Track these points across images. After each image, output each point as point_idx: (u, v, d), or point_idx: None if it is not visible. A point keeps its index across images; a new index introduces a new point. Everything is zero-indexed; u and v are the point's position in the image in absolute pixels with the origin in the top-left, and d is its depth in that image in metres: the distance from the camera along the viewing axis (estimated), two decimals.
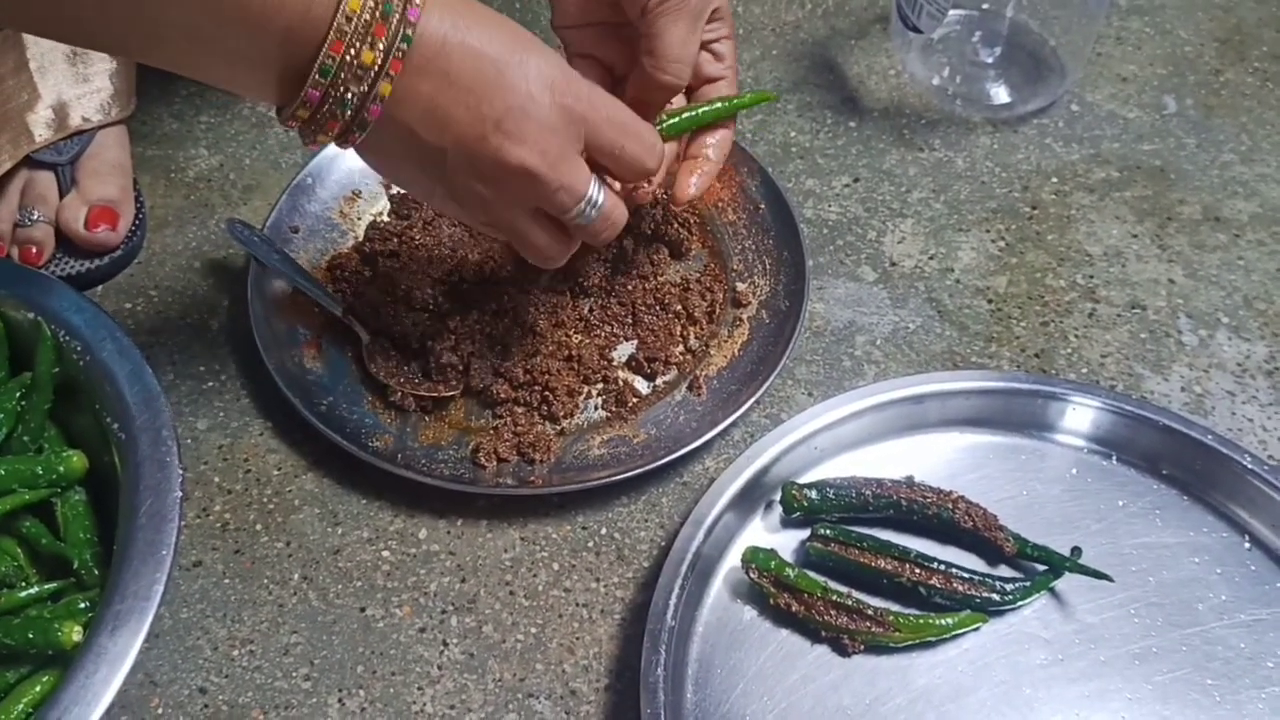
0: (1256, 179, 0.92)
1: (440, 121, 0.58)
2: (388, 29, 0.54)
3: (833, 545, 0.68)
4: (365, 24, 0.54)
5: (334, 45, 0.54)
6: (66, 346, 0.66)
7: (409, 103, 0.57)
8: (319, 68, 0.54)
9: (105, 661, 0.54)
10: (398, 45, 0.55)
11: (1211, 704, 0.65)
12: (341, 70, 0.55)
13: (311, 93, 0.55)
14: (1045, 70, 0.97)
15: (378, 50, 0.55)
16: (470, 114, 0.58)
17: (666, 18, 0.68)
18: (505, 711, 0.65)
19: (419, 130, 0.59)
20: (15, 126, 0.81)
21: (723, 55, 0.74)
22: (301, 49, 0.54)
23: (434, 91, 0.57)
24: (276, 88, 0.57)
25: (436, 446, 0.75)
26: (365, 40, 0.54)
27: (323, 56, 0.54)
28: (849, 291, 0.84)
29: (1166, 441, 0.73)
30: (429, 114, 0.58)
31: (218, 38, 0.54)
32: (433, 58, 0.56)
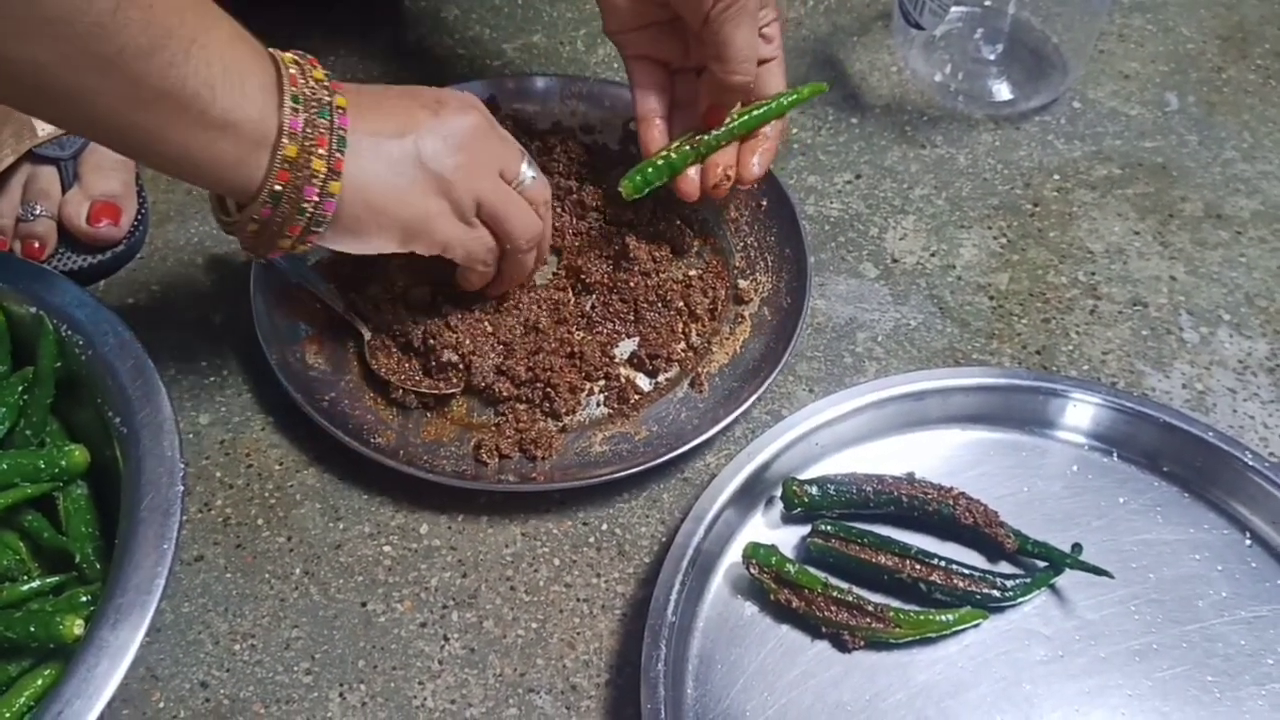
0: (1258, 176, 0.92)
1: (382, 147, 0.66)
2: (329, 140, 0.63)
3: (833, 541, 0.69)
4: (309, 136, 0.62)
5: (280, 175, 0.62)
6: (68, 341, 0.66)
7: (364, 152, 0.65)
8: (269, 193, 0.62)
9: (107, 655, 0.54)
10: (334, 152, 0.63)
11: (1212, 700, 0.65)
12: (288, 190, 0.62)
13: (263, 210, 0.63)
14: (1047, 67, 0.97)
15: (321, 158, 0.62)
16: (411, 106, 0.67)
17: (731, 23, 0.70)
18: (506, 706, 0.65)
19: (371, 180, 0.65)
20: (18, 121, 0.81)
21: (772, 38, 0.76)
22: (251, 176, 0.62)
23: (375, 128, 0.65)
24: (237, 188, 0.63)
25: (438, 443, 0.75)
26: (313, 152, 0.62)
27: (270, 183, 0.62)
28: (850, 288, 0.84)
29: (1167, 438, 0.73)
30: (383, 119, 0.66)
31: (177, 151, 0.60)
32: (357, 125, 0.64)
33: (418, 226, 0.68)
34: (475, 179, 0.69)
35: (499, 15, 1.04)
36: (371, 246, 0.68)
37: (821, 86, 0.81)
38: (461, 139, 0.68)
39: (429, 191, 0.67)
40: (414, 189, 0.67)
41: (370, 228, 0.66)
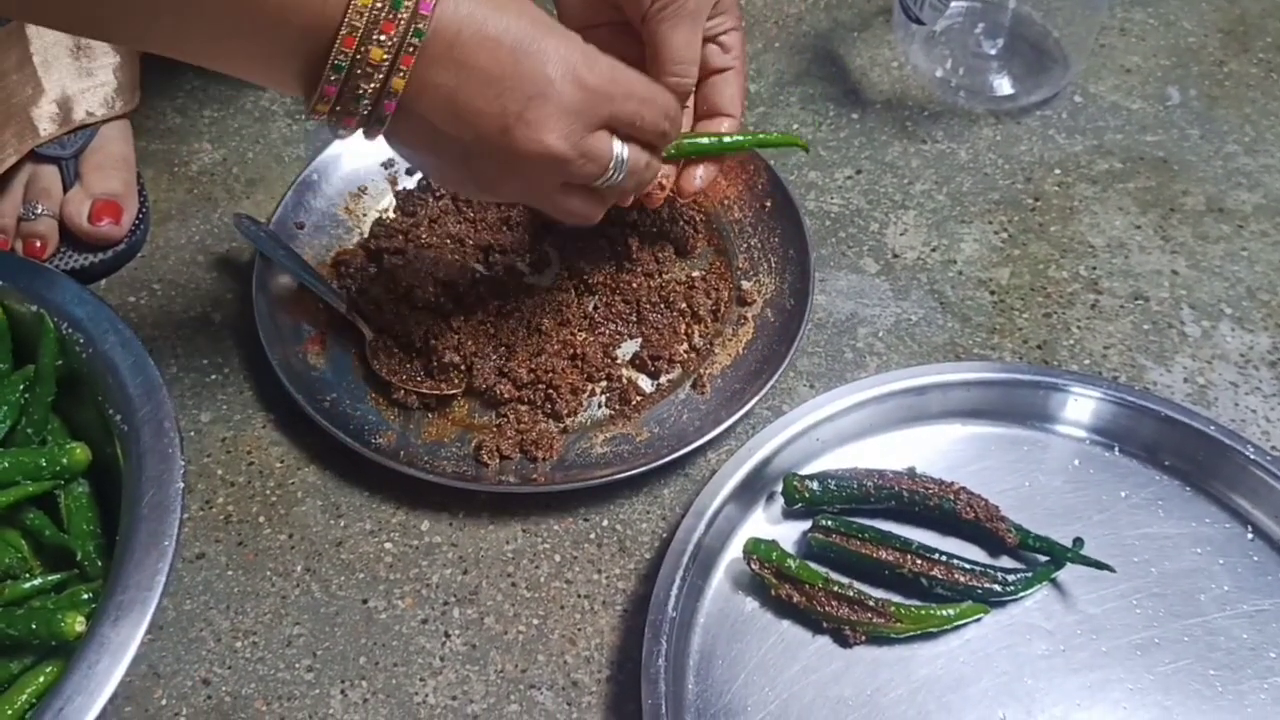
0: (1260, 170, 0.92)
1: (461, 114, 0.58)
2: (396, 25, 0.55)
3: (834, 536, 0.68)
4: (374, 19, 0.54)
5: (346, 41, 0.54)
6: (69, 339, 0.67)
7: (427, 96, 0.58)
8: (332, 64, 0.55)
9: (108, 651, 0.55)
10: (409, 40, 0.55)
11: (1214, 694, 0.65)
12: (354, 67, 0.55)
13: (327, 89, 0.56)
14: (1048, 62, 0.97)
15: (386, 46, 0.55)
16: (491, 106, 0.58)
17: (666, 24, 0.68)
18: (507, 702, 0.65)
19: (440, 124, 0.59)
20: (20, 121, 0.81)
21: (730, 47, 0.73)
22: (317, 45, 0.55)
23: (453, 85, 0.57)
24: (297, 83, 0.58)
25: (439, 444, 0.75)
26: (373, 37, 0.54)
27: (335, 53, 0.55)
28: (851, 283, 0.84)
29: (1169, 432, 0.73)
30: (449, 107, 0.58)
31: (237, 37, 0.55)
32: (448, 50, 0.56)
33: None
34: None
35: None
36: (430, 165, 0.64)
37: (798, 140, 0.79)
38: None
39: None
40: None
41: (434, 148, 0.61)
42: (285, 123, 0.94)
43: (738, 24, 0.73)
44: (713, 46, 0.73)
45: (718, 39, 0.73)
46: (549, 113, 0.59)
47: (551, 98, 0.59)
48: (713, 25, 0.72)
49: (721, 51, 0.73)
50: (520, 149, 0.60)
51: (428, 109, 0.58)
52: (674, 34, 0.68)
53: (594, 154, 0.63)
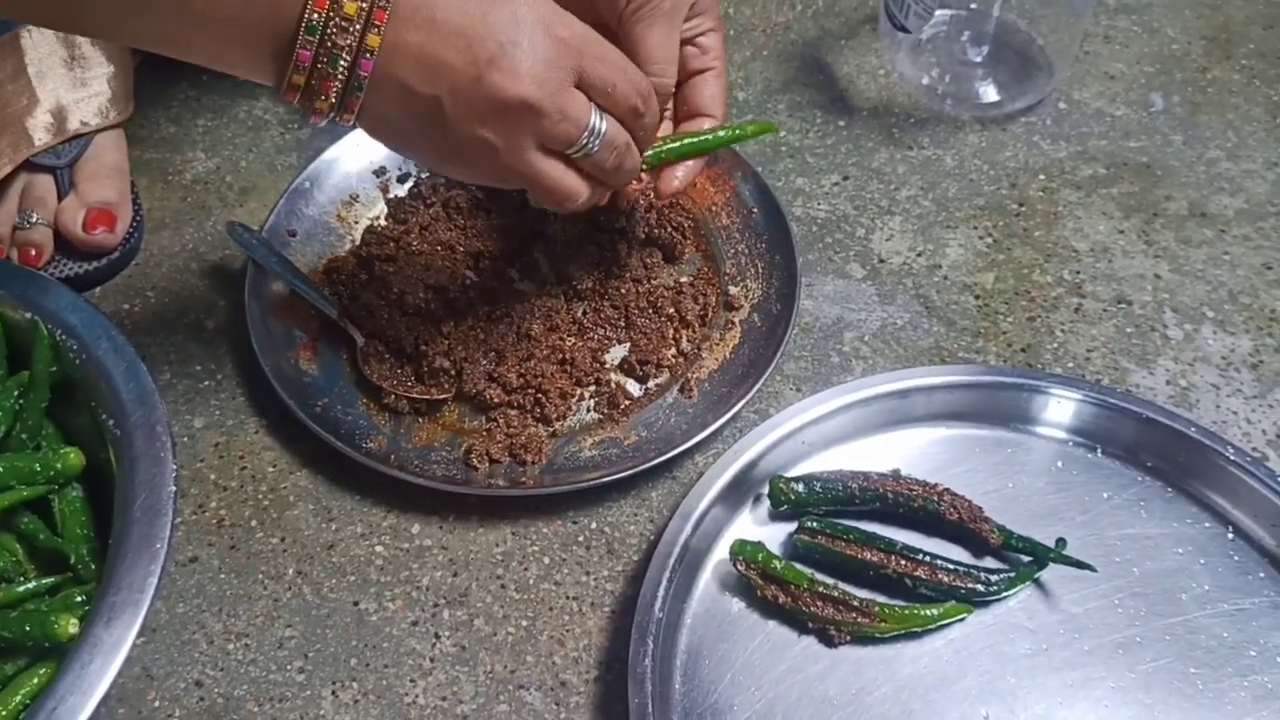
0: (1242, 175, 0.93)
1: (433, 69, 0.58)
2: None
3: (820, 538, 0.69)
4: None
5: (318, 1, 0.55)
6: (63, 345, 0.67)
7: (400, 54, 0.58)
8: (305, 25, 0.56)
9: (100, 652, 0.55)
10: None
11: (1194, 692, 0.65)
12: (328, 25, 0.56)
13: (302, 53, 0.56)
14: (1033, 69, 0.98)
15: (360, 1, 0.56)
16: (462, 57, 0.58)
17: (642, 24, 0.68)
18: (496, 703, 0.66)
19: (413, 83, 0.59)
20: (15, 131, 0.82)
21: (708, 48, 0.74)
22: (289, 12, 0.56)
23: (423, 39, 0.57)
24: (269, 61, 0.58)
25: (429, 448, 0.75)
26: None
27: (308, 13, 0.55)
28: (838, 288, 0.85)
29: (1150, 434, 0.73)
30: (421, 63, 0.58)
31: (208, 12, 0.55)
32: (417, 8, 0.57)
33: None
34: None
35: None
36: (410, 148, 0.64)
37: (770, 126, 0.80)
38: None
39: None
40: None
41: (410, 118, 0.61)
42: (278, 132, 0.95)
43: (716, 25, 0.74)
44: (691, 48, 0.73)
45: (695, 40, 0.73)
46: (520, 58, 0.59)
47: (521, 44, 0.59)
48: (690, 26, 0.72)
49: (700, 53, 0.74)
50: (493, 96, 0.59)
51: (401, 68, 0.58)
52: (650, 33, 0.69)
53: (568, 111, 0.62)
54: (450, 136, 0.61)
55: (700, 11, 0.72)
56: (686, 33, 0.72)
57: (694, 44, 0.73)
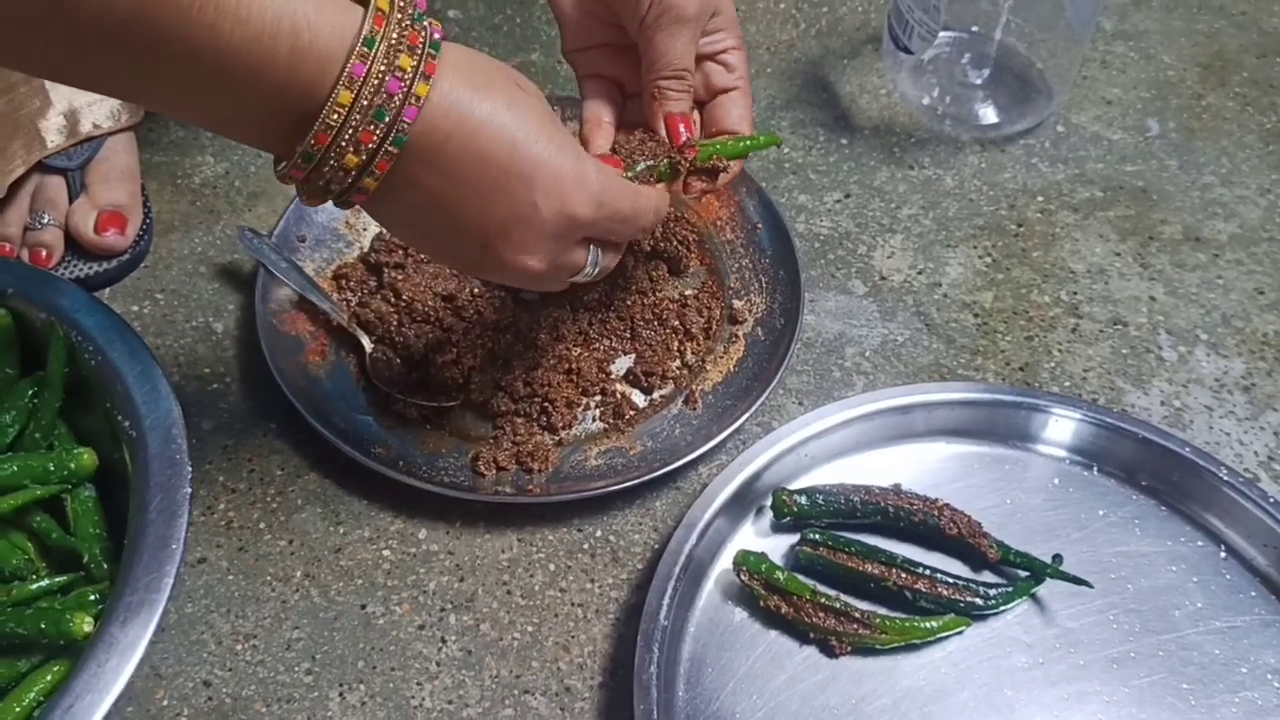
0: (1236, 201, 0.95)
1: (438, 212, 0.57)
2: (374, 135, 0.52)
3: (822, 550, 0.70)
4: (354, 126, 0.51)
5: (319, 138, 0.51)
6: (78, 347, 0.68)
7: (404, 189, 0.55)
8: (302, 154, 0.52)
9: (116, 651, 0.56)
10: (386, 147, 0.52)
11: (1187, 708, 0.67)
12: (324, 164, 0.53)
13: (294, 171, 0.53)
14: (1032, 92, 1.00)
15: (361, 154, 0.52)
16: (473, 216, 0.57)
17: (663, 32, 0.69)
18: (502, 707, 0.67)
19: (415, 214, 0.58)
20: (28, 133, 0.82)
21: (733, 66, 0.74)
22: (293, 121, 0.52)
23: (434, 183, 0.55)
24: (272, 145, 0.54)
25: (437, 454, 0.76)
26: (349, 142, 0.52)
27: (305, 146, 0.52)
28: (840, 304, 0.86)
29: (1146, 453, 0.75)
30: (426, 202, 0.56)
31: (208, 100, 0.51)
32: (433, 154, 0.54)
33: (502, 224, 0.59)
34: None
35: (498, 33, 1.06)
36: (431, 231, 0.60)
37: (776, 139, 0.79)
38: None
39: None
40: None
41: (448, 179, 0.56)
42: None
43: (739, 44, 0.74)
44: (715, 65, 0.73)
45: (719, 57, 0.73)
46: (530, 237, 0.59)
47: (534, 223, 0.58)
48: (713, 41, 0.72)
49: (725, 70, 0.73)
50: (497, 260, 0.60)
51: (404, 199, 0.56)
52: (669, 41, 0.69)
53: (569, 265, 0.63)
54: (445, 255, 0.63)
55: (721, 27, 0.72)
56: (709, 48, 0.72)
57: (718, 61, 0.73)
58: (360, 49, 0.50)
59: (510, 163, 0.56)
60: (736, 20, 0.73)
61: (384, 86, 0.51)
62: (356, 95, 0.51)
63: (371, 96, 0.51)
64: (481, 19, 1.07)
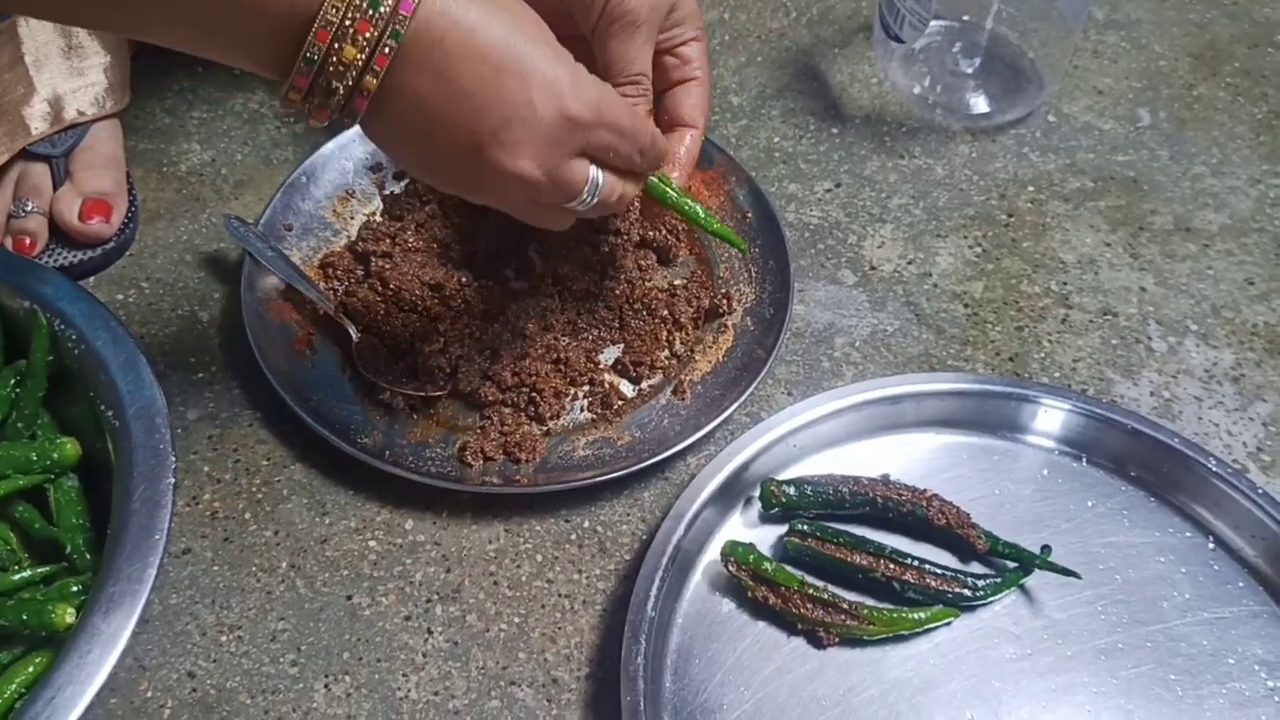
0: (1226, 191, 0.94)
1: (435, 122, 0.57)
2: (372, 25, 0.53)
3: (810, 540, 0.70)
4: (350, 17, 0.53)
5: (320, 35, 0.53)
6: (62, 335, 0.67)
7: (402, 98, 0.56)
8: (304, 58, 0.54)
9: (99, 642, 0.56)
10: (385, 41, 0.54)
11: (1174, 698, 0.67)
12: (326, 63, 0.54)
13: (299, 80, 0.55)
14: (1023, 81, 0.99)
15: (360, 46, 0.54)
16: (467, 120, 0.57)
17: (615, 38, 0.67)
18: (488, 699, 0.67)
19: (413, 125, 0.58)
20: (11, 120, 0.82)
21: (689, 58, 0.72)
22: (293, 33, 0.54)
23: (429, 91, 0.56)
24: (270, 67, 0.56)
25: (424, 444, 0.76)
26: (348, 35, 0.53)
27: (308, 46, 0.54)
28: (829, 294, 0.86)
29: (1135, 444, 0.75)
30: (423, 112, 0.57)
31: (205, 25, 0.53)
32: (427, 55, 0.55)
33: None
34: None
35: None
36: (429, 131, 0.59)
37: (740, 244, 0.78)
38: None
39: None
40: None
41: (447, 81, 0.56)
42: (274, 125, 0.95)
43: (698, 35, 0.72)
44: (670, 58, 0.72)
45: (675, 50, 0.72)
46: (525, 138, 0.58)
47: (530, 122, 0.58)
48: (670, 36, 0.71)
49: (680, 63, 0.72)
50: (491, 167, 0.59)
51: (402, 109, 0.57)
52: (623, 47, 0.67)
53: (566, 181, 0.62)
54: (443, 173, 0.62)
55: (679, 21, 0.71)
56: (666, 43, 0.71)
57: (674, 54, 0.72)
58: None
59: (507, 60, 0.56)
60: (698, 11, 0.72)
61: None
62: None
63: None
64: None
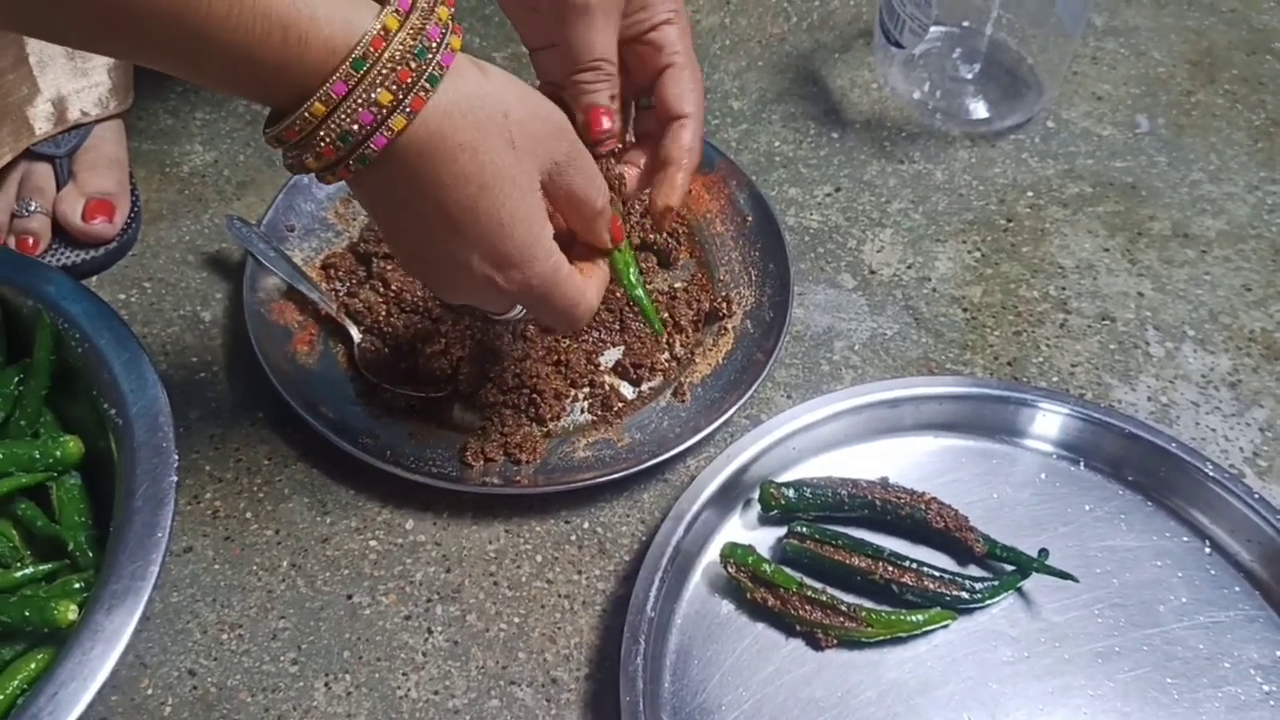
0: (1224, 197, 0.95)
1: (387, 220, 0.59)
2: (337, 153, 0.53)
3: (809, 543, 0.70)
4: (320, 143, 0.52)
5: (289, 133, 0.52)
6: (65, 334, 0.68)
7: (363, 192, 0.57)
8: (275, 137, 0.53)
9: (101, 639, 0.56)
10: (350, 163, 0.53)
11: (1170, 702, 0.67)
12: (294, 152, 0.54)
13: (272, 143, 0.54)
14: (1023, 87, 1.00)
15: (324, 164, 0.53)
16: (413, 240, 0.59)
17: (567, 27, 0.65)
18: (488, 698, 0.67)
19: (370, 208, 0.60)
20: (15, 120, 0.82)
21: (663, 43, 0.68)
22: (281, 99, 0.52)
23: (387, 204, 0.57)
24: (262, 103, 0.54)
25: (425, 445, 0.76)
26: (314, 155, 0.53)
27: (279, 131, 0.53)
28: (829, 298, 0.86)
29: (1132, 448, 0.75)
30: (380, 208, 0.58)
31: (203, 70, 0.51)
32: (392, 183, 0.55)
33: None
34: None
35: (489, 24, 1.06)
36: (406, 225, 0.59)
37: (659, 327, 0.74)
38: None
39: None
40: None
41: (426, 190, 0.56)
42: None
43: (671, 17, 0.68)
44: (643, 47, 0.68)
45: (645, 37, 0.68)
46: (458, 284, 0.60)
47: (464, 276, 0.59)
48: (636, 22, 0.67)
49: (655, 49, 0.68)
50: (421, 272, 0.62)
51: (364, 198, 0.58)
52: (579, 33, 0.64)
53: (487, 308, 0.65)
54: (389, 240, 0.64)
55: (645, 4, 0.67)
56: (633, 28, 0.67)
57: (645, 40, 0.68)
58: (347, 70, 0.50)
59: (462, 221, 0.56)
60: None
61: (357, 116, 0.51)
62: (330, 112, 0.51)
63: (342, 120, 0.51)
64: (473, 10, 1.07)
